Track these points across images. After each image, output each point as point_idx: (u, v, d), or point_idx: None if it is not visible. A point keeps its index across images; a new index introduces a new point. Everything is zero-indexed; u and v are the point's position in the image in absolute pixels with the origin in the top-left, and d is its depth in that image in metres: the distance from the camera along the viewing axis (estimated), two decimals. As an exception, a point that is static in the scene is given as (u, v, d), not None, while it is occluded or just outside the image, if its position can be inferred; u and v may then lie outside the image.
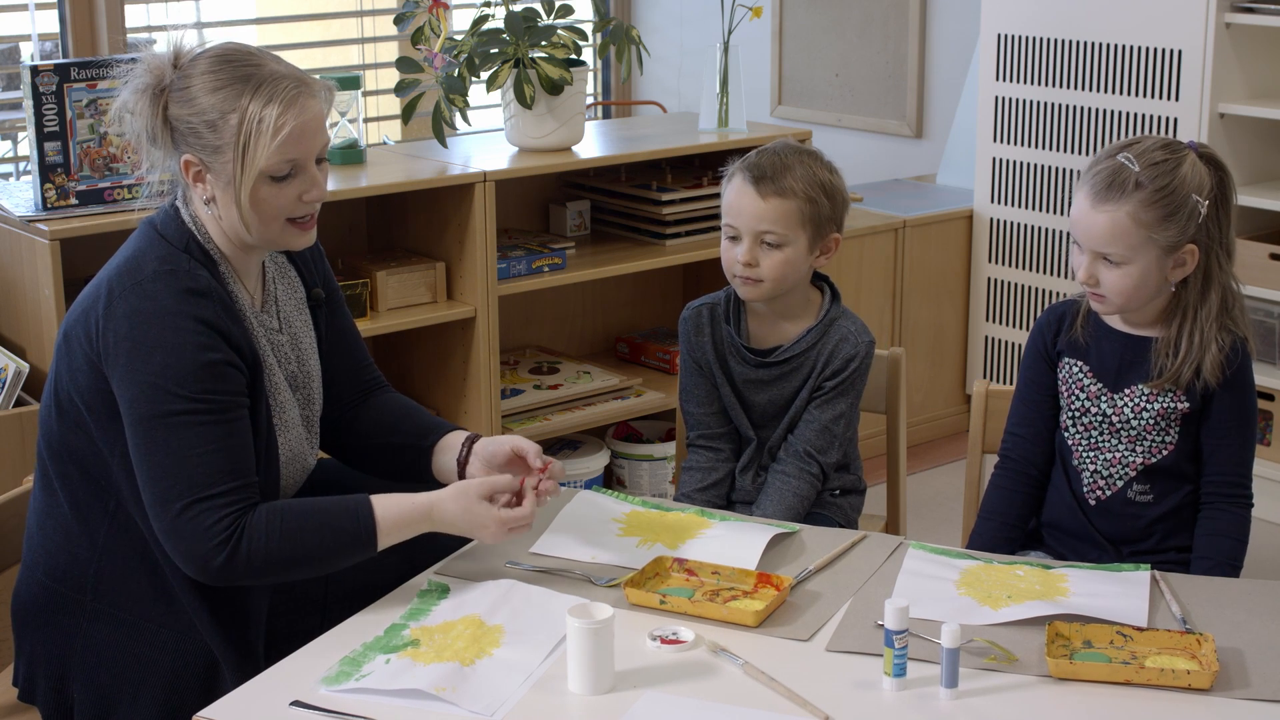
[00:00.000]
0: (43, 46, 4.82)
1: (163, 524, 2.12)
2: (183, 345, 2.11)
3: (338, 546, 2.16)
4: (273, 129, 2.16)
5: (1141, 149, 2.39)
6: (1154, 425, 2.46)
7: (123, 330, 2.12)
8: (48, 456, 2.25)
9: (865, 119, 5.54)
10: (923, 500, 4.33)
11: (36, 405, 3.16)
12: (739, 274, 2.66)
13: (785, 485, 2.68)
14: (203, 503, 2.10)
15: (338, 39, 6.28)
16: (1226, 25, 4.08)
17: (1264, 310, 4.17)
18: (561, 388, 4.12)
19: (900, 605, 1.92)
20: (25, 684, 2.27)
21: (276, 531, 2.12)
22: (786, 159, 2.65)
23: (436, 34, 3.82)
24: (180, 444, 2.10)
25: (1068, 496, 2.55)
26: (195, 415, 2.11)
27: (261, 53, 2.23)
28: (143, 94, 2.19)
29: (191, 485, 2.10)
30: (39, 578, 2.25)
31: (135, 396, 2.11)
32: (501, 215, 4.02)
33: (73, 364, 2.18)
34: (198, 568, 2.11)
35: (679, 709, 1.90)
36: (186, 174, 2.21)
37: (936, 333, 4.84)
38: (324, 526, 2.15)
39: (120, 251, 2.24)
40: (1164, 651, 2.02)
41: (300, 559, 2.15)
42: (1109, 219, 2.37)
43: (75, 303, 2.24)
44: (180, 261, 2.18)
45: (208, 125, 2.17)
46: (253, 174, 2.17)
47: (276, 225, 2.23)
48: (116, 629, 2.21)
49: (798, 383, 2.72)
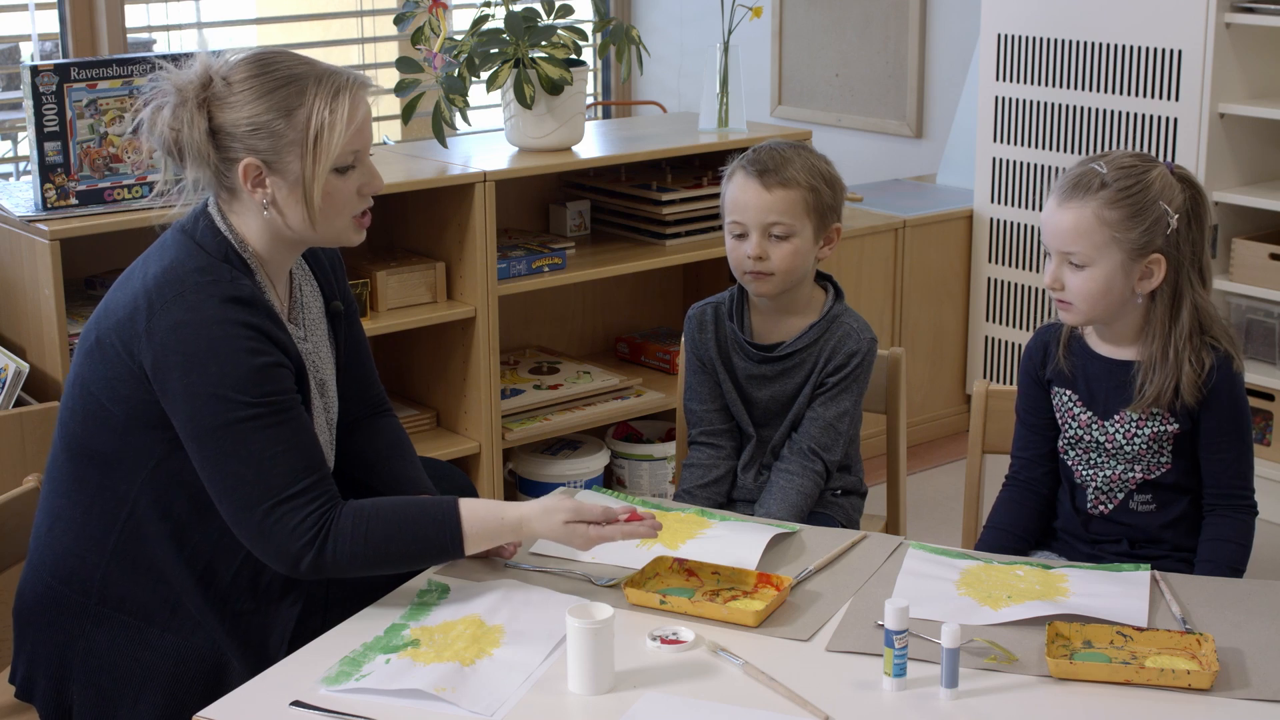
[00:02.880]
0: (43, 46, 4.82)
1: (248, 530, 2.13)
2: (235, 352, 2.11)
3: (423, 553, 2.19)
4: (346, 119, 2.19)
5: (1112, 157, 2.41)
6: (1147, 448, 2.47)
7: (170, 345, 2.11)
8: (65, 458, 2.25)
9: (865, 119, 5.54)
10: (923, 500, 4.33)
11: (36, 405, 3.16)
12: (749, 269, 2.68)
13: (789, 483, 2.69)
14: (285, 504, 2.12)
15: (338, 39, 6.28)
16: (1226, 25, 4.08)
17: (1264, 310, 4.17)
18: (561, 388, 4.12)
19: (900, 605, 1.92)
20: (24, 682, 2.27)
21: (362, 535, 2.14)
22: (784, 152, 2.69)
23: (436, 34, 3.82)
24: (252, 449, 2.11)
25: (1072, 510, 2.56)
26: (261, 419, 2.11)
27: (300, 54, 2.26)
28: (182, 108, 2.18)
29: (270, 489, 2.12)
30: (44, 578, 2.25)
31: (196, 410, 2.11)
32: (501, 215, 4.02)
33: (110, 373, 2.17)
34: (288, 566, 2.14)
35: (679, 709, 1.90)
36: (245, 179, 2.20)
37: (936, 333, 4.84)
38: (410, 533, 2.16)
39: (154, 260, 2.22)
40: (1164, 651, 2.02)
41: (385, 562, 2.17)
42: (1074, 215, 2.38)
43: (106, 309, 2.21)
44: (221, 271, 2.18)
45: (270, 124, 2.17)
46: (326, 165, 2.19)
47: (342, 219, 2.26)
48: (119, 633, 2.21)
49: (800, 379, 2.73)
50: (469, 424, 3.89)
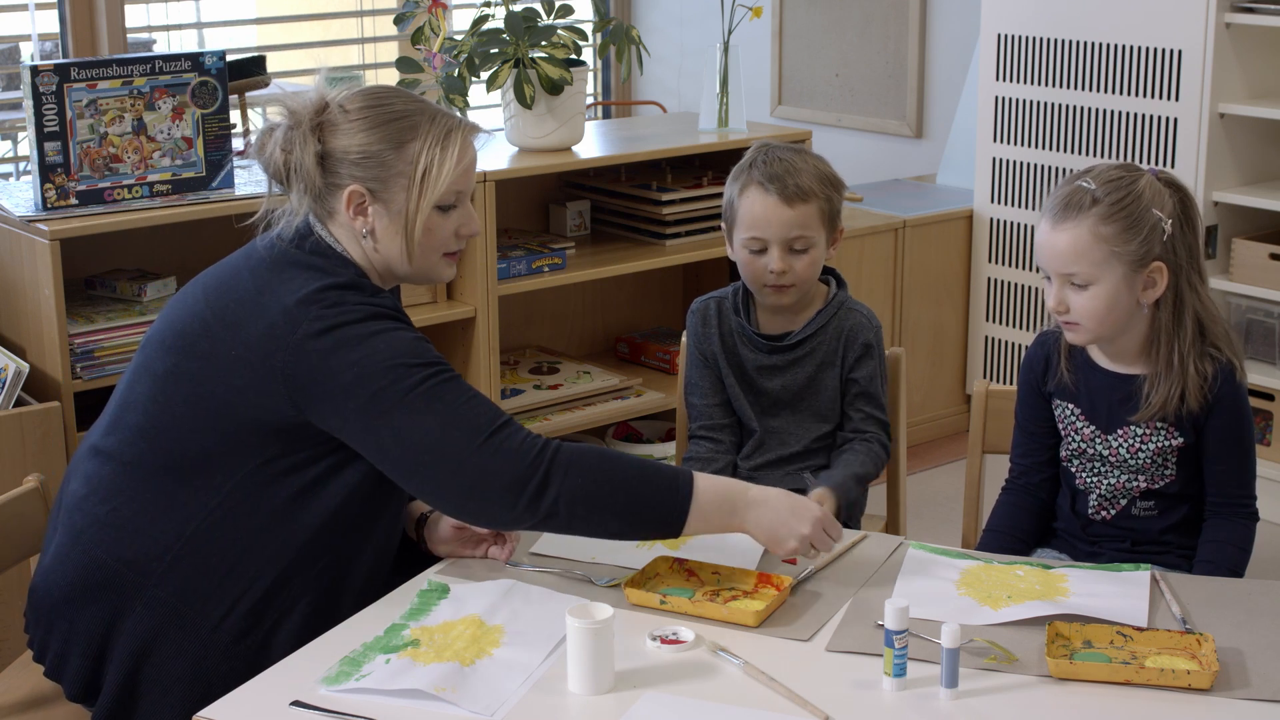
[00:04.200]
0: (43, 46, 4.82)
1: (467, 476, 2.10)
2: (394, 329, 2.15)
3: (645, 510, 2.14)
4: (456, 158, 2.22)
5: (1098, 171, 2.38)
6: (1151, 462, 2.46)
7: (332, 345, 2.11)
8: (147, 447, 2.22)
9: (865, 119, 5.54)
10: (923, 500, 4.33)
11: (36, 405, 3.16)
12: (770, 283, 2.68)
13: (852, 457, 2.72)
14: (502, 430, 2.10)
15: (338, 39, 6.28)
16: (1226, 25, 4.08)
17: (1264, 310, 4.17)
18: (561, 388, 4.12)
19: (900, 605, 1.92)
20: (55, 659, 2.25)
21: (591, 471, 2.12)
22: (792, 160, 2.68)
23: (436, 34, 3.82)
24: (446, 401, 2.11)
25: (1072, 514, 2.56)
26: (442, 374, 2.13)
27: (415, 94, 2.29)
28: (295, 130, 2.21)
29: (479, 425, 2.10)
30: (99, 556, 2.22)
31: (377, 390, 2.10)
32: (501, 215, 4.02)
33: (233, 381, 2.15)
34: (513, 495, 2.09)
35: (679, 709, 1.90)
36: (348, 206, 2.22)
37: (936, 333, 4.84)
38: (640, 487, 2.14)
39: (274, 278, 2.19)
40: (1164, 651, 2.02)
41: (607, 509, 2.13)
42: (1070, 236, 2.35)
43: (216, 319, 2.19)
44: (365, 286, 2.21)
45: (381, 154, 2.20)
46: (431, 201, 2.22)
47: (435, 256, 2.28)
48: (168, 619, 2.19)
49: (812, 367, 2.73)
50: (469, 424, 3.89)
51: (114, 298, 3.49)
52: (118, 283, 3.50)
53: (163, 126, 3.38)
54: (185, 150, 3.41)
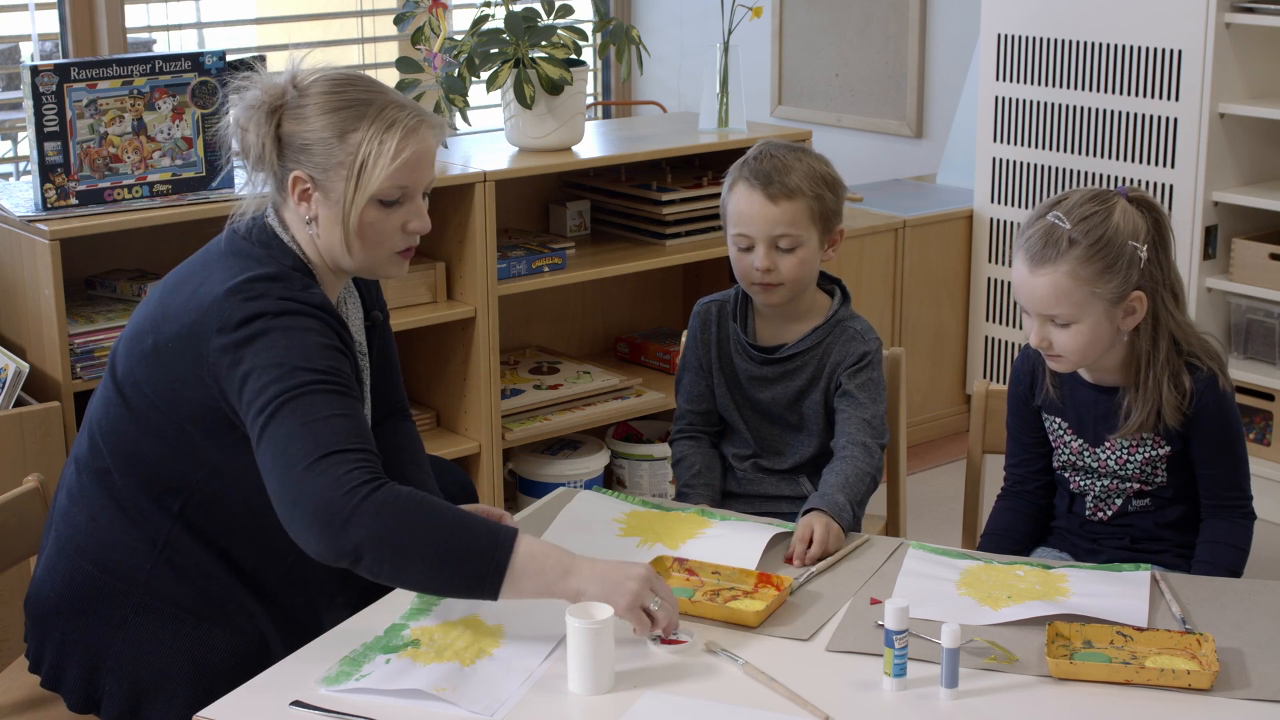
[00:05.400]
0: (43, 46, 4.82)
1: (291, 489, 2.02)
2: (306, 330, 2.11)
3: (457, 563, 2.01)
4: (393, 152, 2.18)
5: (1070, 205, 2.35)
6: (1141, 471, 2.47)
7: (245, 335, 2.10)
8: (109, 454, 2.23)
9: (865, 119, 5.54)
10: (923, 500, 4.33)
11: (36, 405, 3.16)
12: (757, 281, 2.65)
13: (843, 466, 2.61)
14: (334, 456, 2.02)
15: (338, 39, 6.28)
16: (1226, 25, 4.08)
17: (1264, 310, 4.16)
18: (561, 388, 4.12)
19: (900, 605, 1.92)
20: (52, 671, 2.26)
21: (406, 513, 2.00)
22: (785, 159, 2.65)
23: (436, 34, 3.82)
24: (309, 413, 2.05)
25: (1069, 514, 2.56)
26: (323, 386, 2.08)
27: (379, 82, 2.26)
28: (257, 109, 2.20)
29: (320, 444, 2.03)
30: (85, 567, 2.23)
31: (262, 386, 2.07)
32: (501, 215, 4.02)
33: (172, 375, 2.16)
34: (321, 523, 1.99)
35: (679, 709, 1.90)
36: (292, 191, 2.21)
37: (936, 333, 4.84)
38: (455, 537, 2.01)
39: (220, 266, 2.20)
40: (1164, 651, 2.02)
41: (412, 553, 2.00)
42: (1049, 281, 2.33)
43: (164, 314, 2.19)
44: (296, 279, 2.18)
45: (324, 142, 2.18)
46: (366, 195, 2.18)
47: (381, 252, 2.24)
48: (162, 624, 2.20)
49: (802, 381, 2.71)
50: (469, 424, 3.89)
51: (114, 298, 3.49)
52: (118, 283, 3.50)
53: (163, 126, 3.38)
54: (185, 150, 3.41)
